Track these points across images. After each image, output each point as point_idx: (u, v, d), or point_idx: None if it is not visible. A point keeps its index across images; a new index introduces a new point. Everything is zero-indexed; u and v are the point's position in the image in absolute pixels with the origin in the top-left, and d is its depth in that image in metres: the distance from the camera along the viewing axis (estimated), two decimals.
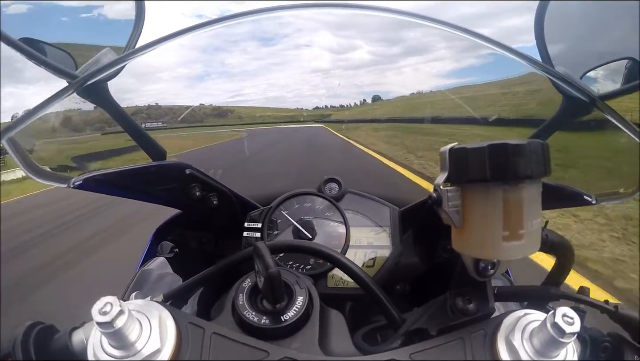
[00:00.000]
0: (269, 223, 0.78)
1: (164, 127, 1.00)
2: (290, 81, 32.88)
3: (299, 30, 36.41)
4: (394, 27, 16.57)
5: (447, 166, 0.43)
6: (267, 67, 60.90)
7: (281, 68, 63.46)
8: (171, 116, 2.18)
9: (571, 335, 0.38)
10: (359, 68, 42.31)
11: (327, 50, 70.01)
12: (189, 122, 2.84)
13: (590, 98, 0.71)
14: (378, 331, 0.66)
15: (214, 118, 10.24)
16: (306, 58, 47.53)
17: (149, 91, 22.40)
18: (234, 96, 40.03)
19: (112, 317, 0.36)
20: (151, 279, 0.76)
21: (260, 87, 56.08)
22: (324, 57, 65.87)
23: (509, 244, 0.42)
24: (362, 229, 0.79)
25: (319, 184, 0.82)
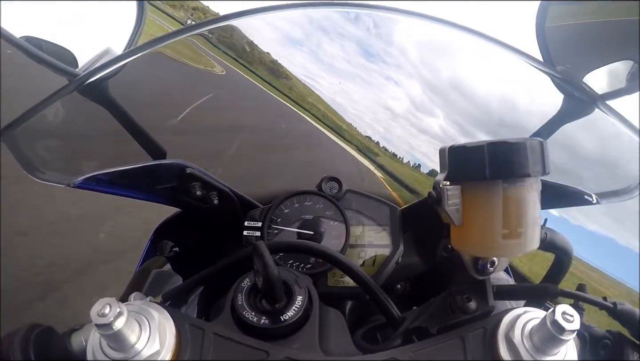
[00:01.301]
0: (269, 222, 0.78)
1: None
2: (362, 101, 32.08)
3: (398, 66, 47.64)
4: None
5: (446, 165, 0.43)
6: (352, 75, 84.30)
7: (363, 85, 71.44)
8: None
9: (571, 332, 0.38)
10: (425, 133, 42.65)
11: (408, 98, 69.12)
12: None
13: (591, 98, 0.71)
14: (378, 330, 0.65)
15: (265, 69, 9.38)
16: (388, 93, 46.61)
17: None
18: (305, 75, 39.04)
19: (110, 319, 0.36)
20: (151, 279, 0.76)
21: (333, 87, 60.51)
22: (402, 101, 65.05)
23: (508, 242, 0.42)
24: (362, 228, 0.79)
25: (318, 183, 0.82)
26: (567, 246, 0.59)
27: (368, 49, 24.00)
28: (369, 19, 17.54)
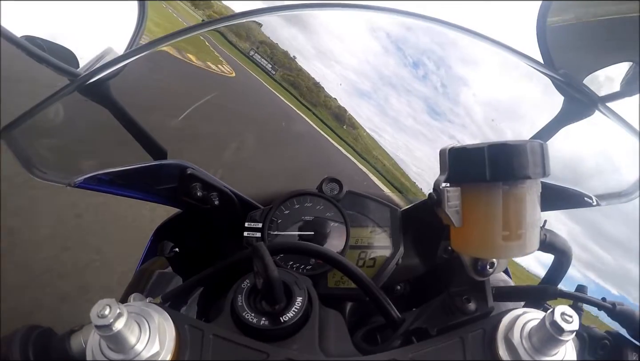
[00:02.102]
0: (269, 223, 0.78)
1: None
2: (424, 159, 24.67)
3: (463, 126, 21.45)
4: None
5: (446, 166, 0.43)
6: (416, 133, 7.65)
7: (426, 142, 12.11)
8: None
9: (570, 333, 0.38)
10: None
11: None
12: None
13: (592, 100, 0.71)
14: (378, 331, 0.66)
15: (330, 114, 8.06)
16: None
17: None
18: (370, 128, 23.63)
19: (110, 320, 0.35)
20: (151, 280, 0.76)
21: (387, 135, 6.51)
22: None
23: (508, 244, 0.42)
24: (362, 229, 0.79)
25: (319, 184, 0.82)
26: (566, 247, 0.59)
27: (434, 107, 21.95)
28: (436, 78, 16.83)
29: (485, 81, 2.67)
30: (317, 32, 1.85)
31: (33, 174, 0.64)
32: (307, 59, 1.54)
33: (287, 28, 1.21)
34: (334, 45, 2.42)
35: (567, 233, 0.61)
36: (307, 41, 1.58)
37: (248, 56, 1.41)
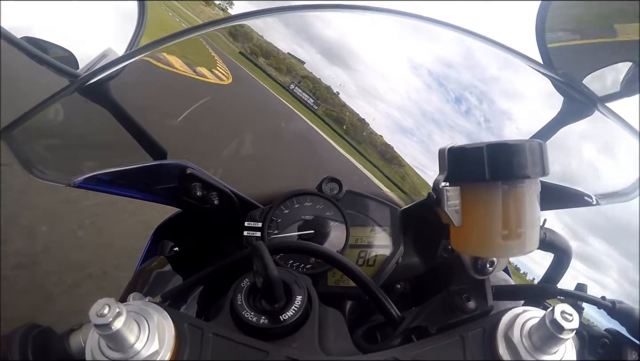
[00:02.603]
0: (269, 222, 0.78)
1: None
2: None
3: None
4: None
5: (445, 166, 0.43)
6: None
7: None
8: None
9: (570, 332, 0.38)
10: None
11: None
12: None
13: (591, 100, 0.71)
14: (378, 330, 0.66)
15: (376, 151, 7.10)
16: None
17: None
18: (415, 166, 19.90)
19: (109, 319, 0.36)
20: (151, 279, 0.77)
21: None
22: None
23: (507, 243, 0.42)
24: (362, 228, 0.79)
25: (319, 184, 0.82)
26: (566, 246, 0.59)
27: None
28: (479, 113, 16.92)
29: (529, 114, 2.68)
30: (360, 71, 1.86)
31: (33, 174, 0.64)
32: (351, 97, 1.56)
33: (330, 67, 1.21)
34: (377, 82, 2.44)
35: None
36: (351, 79, 1.60)
37: (288, 90, 1.41)
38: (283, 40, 1.48)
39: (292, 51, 1.50)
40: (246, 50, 1.54)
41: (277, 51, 1.54)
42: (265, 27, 1.47)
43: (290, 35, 1.44)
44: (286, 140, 1.45)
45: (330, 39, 1.29)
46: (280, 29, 1.42)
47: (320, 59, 1.19)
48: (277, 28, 1.41)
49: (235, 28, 1.60)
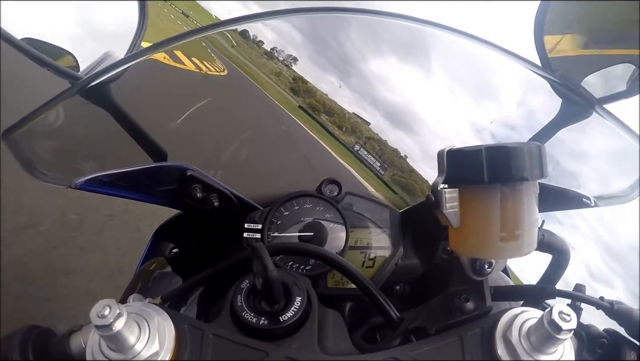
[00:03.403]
0: (269, 224, 0.78)
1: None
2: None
3: (573, 227, 15.22)
4: None
5: (444, 168, 0.44)
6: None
7: None
8: None
9: (568, 332, 0.38)
10: None
11: (584, 265, 41.37)
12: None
13: (589, 102, 0.72)
14: (377, 331, 0.66)
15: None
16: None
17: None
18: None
19: (110, 320, 0.36)
20: (151, 280, 0.77)
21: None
22: (578, 270, 45.52)
23: (506, 244, 0.42)
24: (361, 230, 0.79)
25: (318, 186, 0.82)
26: (564, 247, 0.59)
27: None
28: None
29: (600, 174, 2.67)
30: (423, 134, 1.87)
31: (34, 176, 0.64)
32: (415, 161, 1.57)
33: (393, 131, 1.22)
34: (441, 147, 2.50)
35: None
36: (414, 143, 1.61)
37: (352, 151, 1.39)
38: (347, 103, 1.47)
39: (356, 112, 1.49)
40: (307, 105, 1.52)
41: (342, 109, 1.51)
42: (331, 90, 1.47)
43: (355, 99, 1.44)
44: None
45: (394, 103, 1.30)
46: (346, 92, 1.43)
47: (384, 122, 1.20)
48: (342, 92, 1.43)
49: (298, 84, 1.58)
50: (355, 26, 1.05)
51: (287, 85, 1.58)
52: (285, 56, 1.60)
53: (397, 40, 0.96)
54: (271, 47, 1.63)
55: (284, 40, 1.50)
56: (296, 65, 1.59)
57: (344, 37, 1.17)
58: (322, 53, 1.42)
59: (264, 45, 1.65)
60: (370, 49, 1.18)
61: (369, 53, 1.21)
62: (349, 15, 0.72)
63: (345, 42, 1.21)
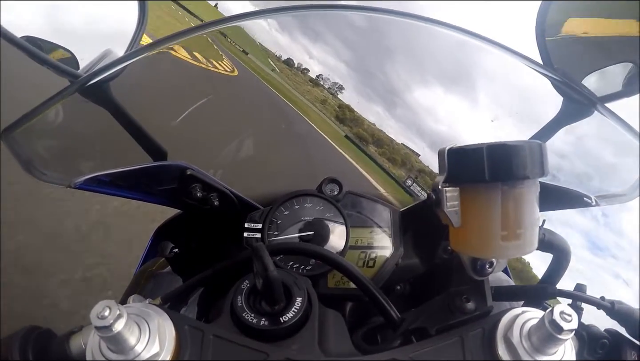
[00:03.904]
0: (269, 224, 0.78)
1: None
2: None
3: (628, 262, 18.43)
4: None
5: (445, 167, 0.44)
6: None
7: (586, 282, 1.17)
8: None
9: (569, 332, 0.38)
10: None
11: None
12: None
13: (590, 100, 0.72)
14: (378, 331, 0.66)
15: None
16: (617, 294, 26.59)
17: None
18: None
19: (110, 321, 0.36)
20: (151, 280, 0.77)
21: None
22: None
23: (506, 244, 0.42)
24: (362, 230, 0.79)
25: (319, 185, 0.82)
26: (565, 246, 0.59)
27: (596, 241, 19.72)
28: (597, 209, 15.50)
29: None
30: None
31: (34, 175, 0.64)
32: None
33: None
34: None
35: None
36: None
37: (403, 185, 1.37)
38: (394, 134, 1.46)
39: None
40: (354, 134, 1.46)
41: (390, 140, 1.48)
42: (377, 120, 1.46)
43: (401, 129, 1.43)
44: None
45: (439, 132, 1.31)
46: (391, 123, 1.42)
47: (430, 153, 1.20)
48: (389, 122, 1.42)
49: (344, 112, 1.54)
50: (401, 57, 1.05)
51: (333, 113, 1.55)
52: (330, 84, 1.57)
53: (441, 70, 0.97)
54: (317, 74, 1.60)
55: (330, 70, 1.49)
56: (342, 93, 1.56)
57: (389, 68, 1.18)
58: (368, 84, 1.42)
59: (309, 72, 1.62)
60: (416, 80, 1.18)
61: (415, 83, 1.22)
62: (367, 16, 0.71)
63: (390, 73, 1.21)
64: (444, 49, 0.79)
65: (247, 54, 1.87)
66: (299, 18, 0.86)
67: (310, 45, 1.59)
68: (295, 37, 1.68)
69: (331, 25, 1.03)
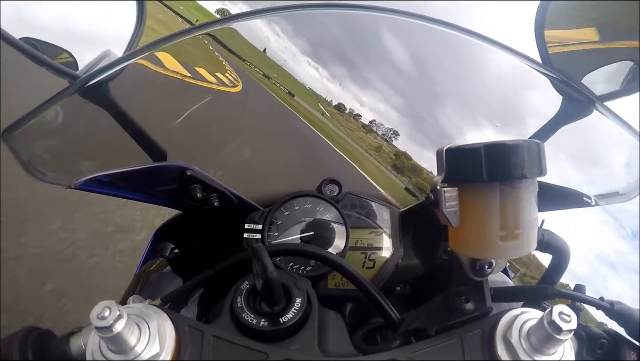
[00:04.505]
0: (269, 225, 0.78)
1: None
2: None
3: None
4: None
5: (443, 167, 0.44)
6: None
7: None
8: None
9: (568, 332, 0.38)
10: None
11: None
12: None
13: (590, 99, 0.71)
14: (378, 332, 0.66)
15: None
16: None
17: None
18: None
19: (110, 321, 0.36)
20: (151, 281, 0.77)
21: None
22: None
23: (505, 244, 0.42)
24: (362, 230, 0.79)
25: (318, 185, 0.82)
26: (564, 247, 0.59)
27: None
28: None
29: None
30: None
31: (34, 176, 0.64)
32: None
33: None
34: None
35: None
36: None
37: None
38: None
39: None
40: (413, 185, 1.41)
41: None
42: (431, 167, 1.45)
43: None
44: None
45: None
46: None
47: None
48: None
49: (402, 160, 1.50)
50: (451, 102, 1.04)
51: (389, 162, 1.51)
52: (385, 130, 1.54)
53: (492, 111, 0.96)
54: (369, 120, 1.56)
55: (381, 116, 1.47)
56: (397, 140, 1.52)
57: (439, 113, 1.17)
58: (419, 129, 1.41)
59: (361, 118, 1.58)
60: (467, 122, 1.18)
61: (466, 126, 1.21)
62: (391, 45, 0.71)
63: (441, 117, 1.21)
64: (492, 89, 0.79)
65: (293, 95, 1.85)
66: (349, 65, 0.86)
67: (360, 93, 1.57)
68: (346, 85, 1.67)
69: (380, 72, 1.02)
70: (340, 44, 1.39)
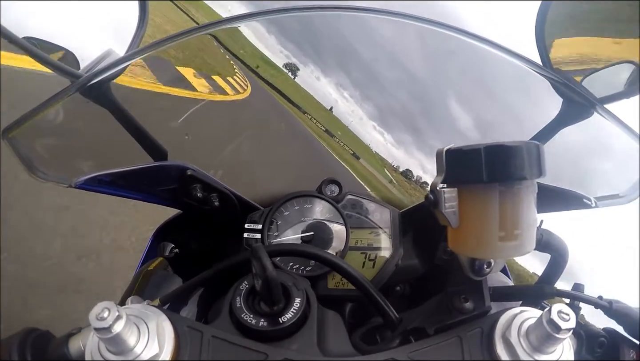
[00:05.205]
0: (269, 224, 0.78)
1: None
2: None
3: None
4: None
5: (443, 168, 0.44)
6: None
7: None
8: None
9: (567, 331, 0.38)
10: None
11: None
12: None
13: (590, 101, 0.72)
14: (377, 332, 0.66)
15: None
16: None
17: None
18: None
19: (110, 322, 0.36)
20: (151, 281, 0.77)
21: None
22: None
23: (504, 244, 0.42)
24: (362, 231, 0.79)
25: (318, 186, 0.82)
26: (563, 247, 0.59)
27: None
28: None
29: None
30: None
31: (35, 175, 0.64)
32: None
33: None
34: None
35: None
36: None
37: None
38: None
39: None
40: None
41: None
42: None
43: None
44: None
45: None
46: None
47: None
48: None
49: None
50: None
51: None
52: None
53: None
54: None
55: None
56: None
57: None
58: None
59: (427, 187, 1.59)
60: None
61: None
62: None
63: None
64: None
65: (358, 158, 1.85)
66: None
67: (425, 160, 1.58)
68: (410, 151, 1.70)
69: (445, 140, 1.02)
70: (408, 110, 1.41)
